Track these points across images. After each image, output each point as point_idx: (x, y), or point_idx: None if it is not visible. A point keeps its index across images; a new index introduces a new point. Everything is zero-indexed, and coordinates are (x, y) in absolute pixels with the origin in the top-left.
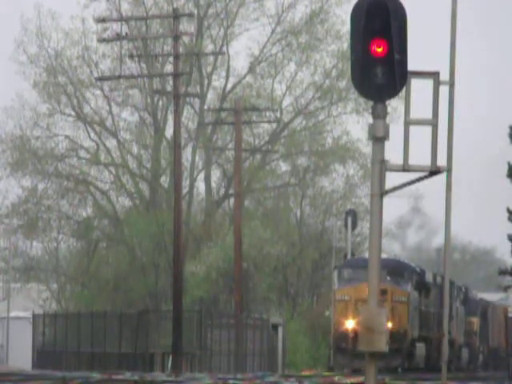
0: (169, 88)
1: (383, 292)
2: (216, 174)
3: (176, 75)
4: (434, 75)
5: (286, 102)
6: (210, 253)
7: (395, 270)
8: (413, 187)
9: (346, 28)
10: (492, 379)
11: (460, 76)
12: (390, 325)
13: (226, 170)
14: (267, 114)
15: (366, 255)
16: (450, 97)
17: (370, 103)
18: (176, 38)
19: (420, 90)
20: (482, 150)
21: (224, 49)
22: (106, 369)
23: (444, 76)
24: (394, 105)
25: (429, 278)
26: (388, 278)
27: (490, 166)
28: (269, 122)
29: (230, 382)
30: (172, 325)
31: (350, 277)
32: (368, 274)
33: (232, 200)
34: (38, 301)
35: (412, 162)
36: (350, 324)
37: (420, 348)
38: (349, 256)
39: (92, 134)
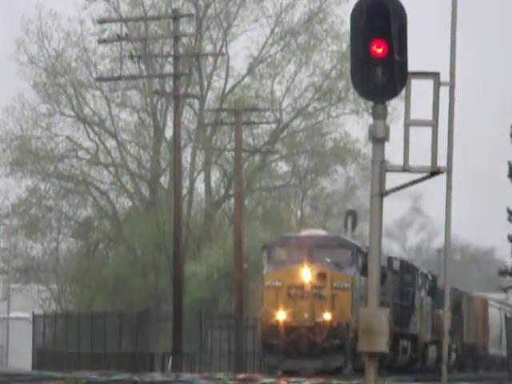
0: (168, 89)
1: (321, 276)
2: (216, 175)
3: (175, 76)
4: (435, 76)
5: (286, 102)
6: (210, 253)
7: (336, 249)
8: (412, 188)
9: (346, 28)
10: (492, 379)
11: (460, 76)
12: (328, 316)
13: (226, 170)
14: (267, 114)
15: (301, 233)
16: (450, 97)
17: (370, 104)
18: (175, 38)
19: (420, 90)
20: (482, 150)
21: (223, 49)
22: (106, 369)
23: (444, 76)
24: (394, 104)
25: (382, 260)
26: (327, 259)
27: (490, 166)
28: (268, 122)
29: (228, 382)
30: (172, 325)
31: (281, 258)
32: (368, 275)
33: (232, 200)
34: (38, 301)
35: (412, 162)
36: (281, 315)
37: None
38: None
39: (92, 135)
